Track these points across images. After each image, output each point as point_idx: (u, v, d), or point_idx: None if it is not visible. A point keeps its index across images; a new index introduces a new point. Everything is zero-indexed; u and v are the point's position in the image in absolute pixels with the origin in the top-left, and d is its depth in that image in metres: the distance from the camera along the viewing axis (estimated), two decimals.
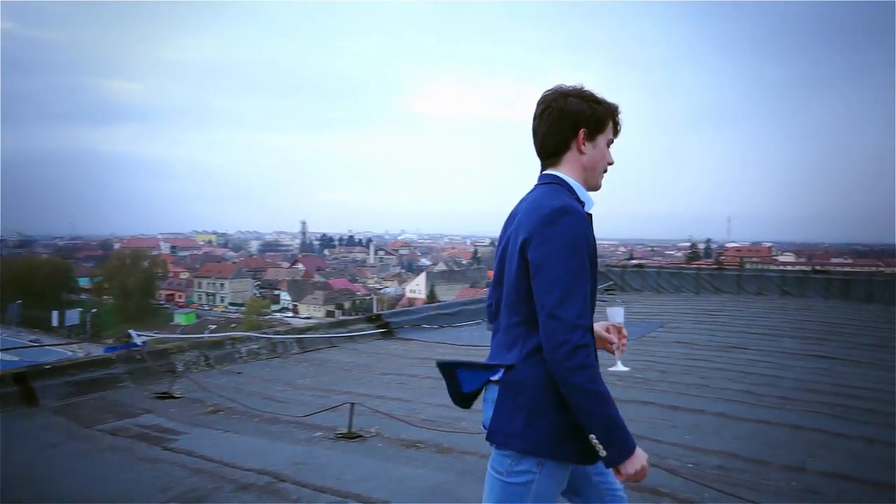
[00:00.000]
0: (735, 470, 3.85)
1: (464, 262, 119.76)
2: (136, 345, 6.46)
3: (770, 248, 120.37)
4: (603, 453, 1.60)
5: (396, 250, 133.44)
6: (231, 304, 79.68)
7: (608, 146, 1.82)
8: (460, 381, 1.80)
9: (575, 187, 1.76)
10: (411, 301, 69.05)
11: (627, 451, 1.60)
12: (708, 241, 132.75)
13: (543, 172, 1.81)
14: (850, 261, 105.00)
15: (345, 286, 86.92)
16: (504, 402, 1.69)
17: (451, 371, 1.81)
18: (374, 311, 12.42)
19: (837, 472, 3.85)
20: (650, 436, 4.44)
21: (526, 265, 1.66)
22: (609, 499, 1.86)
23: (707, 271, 15.80)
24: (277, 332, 8.39)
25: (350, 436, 4.43)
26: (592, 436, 1.59)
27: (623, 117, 1.82)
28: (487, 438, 1.73)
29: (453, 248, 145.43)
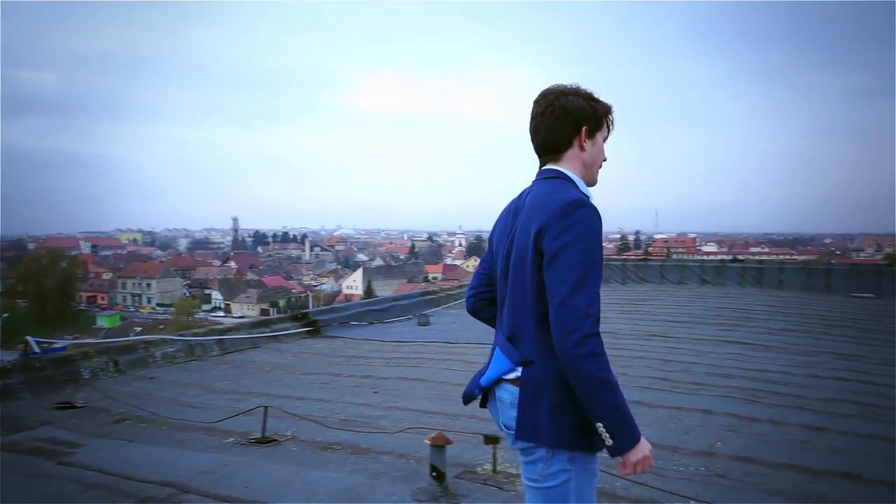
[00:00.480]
0: None
1: (401, 258, 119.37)
2: (35, 352, 6.02)
3: (694, 238, 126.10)
4: (609, 442, 1.58)
5: (332, 246, 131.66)
6: (159, 304, 76.47)
7: (603, 143, 1.86)
8: (479, 382, 1.82)
9: (578, 182, 1.78)
10: (348, 297, 68.21)
11: (633, 439, 1.60)
12: (637, 232, 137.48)
13: (545, 168, 1.82)
14: (766, 249, 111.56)
15: (279, 284, 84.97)
16: (526, 400, 1.67)
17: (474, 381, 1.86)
18: (311, 308, 12.05)
19: (744, 454, 3.99)
20: None
21: (540, 257, 1.65)
22: None
23: (633, 262, 16.31)
24: (196, 334, 8.04)
25: (263, 441, 4.25)
26: (599, 424, 1.58)
27: (614, 117, 1.86)
28: (516, 437, 1.69)
29: (390, 243, 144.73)
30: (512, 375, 1.71)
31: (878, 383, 5.99)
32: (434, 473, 3.14)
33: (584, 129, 1.77)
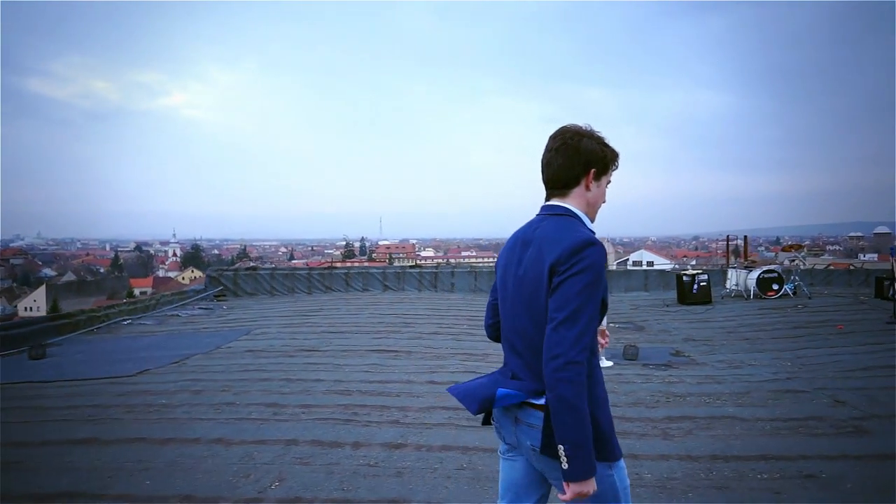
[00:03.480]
0: None
1: (102, 271, 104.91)
2: None
3: (414, 244, 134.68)
4: (565, 466, 1.68)
5: (7, 260, 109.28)
6: None
7: (606, 186, 1.95)
8: (497, 401, 1.84)
9: (584, 220, 1.88)
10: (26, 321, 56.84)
11: (588, 471, 1.69)
12: (362, 239, 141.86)
13: (553, 203, 1.90)
14: (474, 254, 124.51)
15: None
16: (550, 423, 1.74)
17: (492, 397, 1.85)
18: None
19: (294, 496, 3.51)
20: (93, 490, 3.55)
21: (550, 288, 1.74)
22: None
23: (318, 271, 15.93)
24: None
25: None
26: (561, 446, 1.68)
27: (619, 164, 1.96)
28: (541, 452, 1.78)
29: (87, 254, 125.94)
30: (538, 401, 1.80)
31: None
32: None
33: (592, 170, 1.89)
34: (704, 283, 12.64)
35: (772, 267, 13.23)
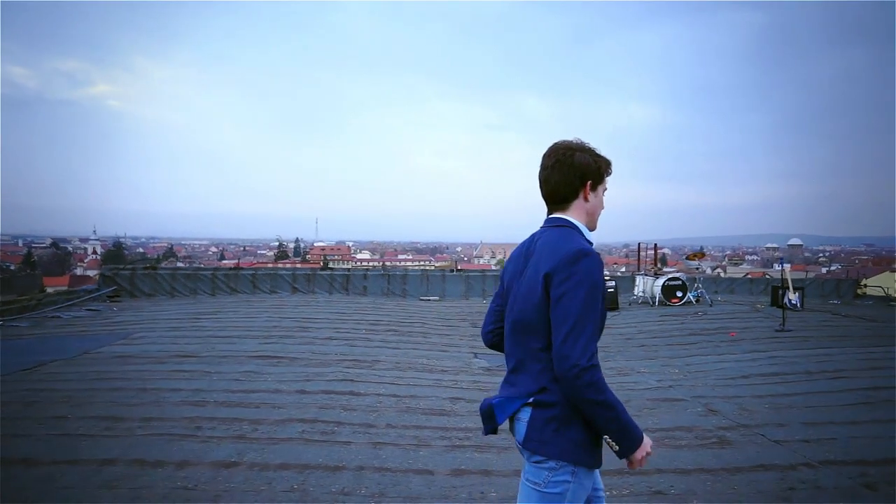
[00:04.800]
0: None
1: (12, 268, 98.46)
2: None
3: (350, 246, 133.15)
4: (616, 448, 1.83)
5: None
6: None
7: (603, 194, 2.06)
8: (496, 417, 1.92)
9: (583, 230, 1.99)
10: None
11: (635, 444, 1.83)
12: (297, 240, 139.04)
13: (553, 216, 2.01)
14: (410, 257, 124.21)
15: None
16: (536, 418, 1.86)
17: (490, 412, 1.94)
18: None
19: None
20: None
21: (548, 297, 1.83)
22: (593, 500, 2.01)
23: (223, 272, 15.17)
24: None
25: None
26: (606, 437, 1.82)
27: (613, 170, 2.06)
28: (523, 445, 1.88)
29: None
30: (529, 400, 1.87)
31: (363, 392, 5.92)
32: None
33: (588, 182, 1.99)
34: (612, 290, 12.73)
35: (677, 275, 13.49)
